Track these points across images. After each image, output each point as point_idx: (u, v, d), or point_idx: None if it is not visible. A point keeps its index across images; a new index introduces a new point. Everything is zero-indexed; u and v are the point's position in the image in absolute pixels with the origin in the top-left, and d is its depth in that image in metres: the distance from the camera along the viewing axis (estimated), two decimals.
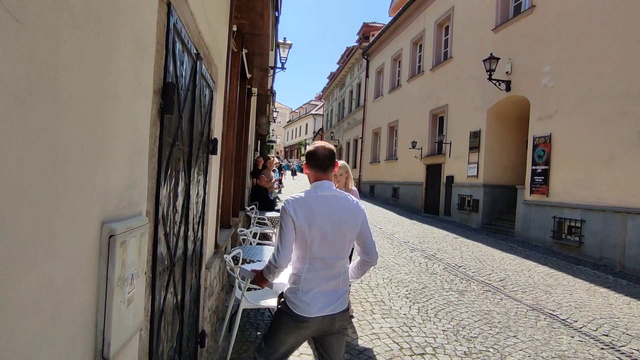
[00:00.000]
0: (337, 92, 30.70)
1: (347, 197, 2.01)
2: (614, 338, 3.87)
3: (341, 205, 1.96)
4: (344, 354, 2.23)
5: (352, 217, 1.96)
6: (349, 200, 2.00)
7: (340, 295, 1.97)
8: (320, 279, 1.93)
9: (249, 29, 4.69)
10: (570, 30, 8.37)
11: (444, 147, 13.29)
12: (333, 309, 1.95)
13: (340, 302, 1.97)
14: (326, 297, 1.94)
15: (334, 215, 1.92)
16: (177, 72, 1.63)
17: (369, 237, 2.03)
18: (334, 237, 1.91)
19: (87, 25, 0.84)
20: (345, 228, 1.93)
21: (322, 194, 1.96)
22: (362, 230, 2.00)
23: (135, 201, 1.21)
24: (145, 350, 1.38)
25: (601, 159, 7.46)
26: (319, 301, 1.91)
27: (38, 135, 0.68)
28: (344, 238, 1.94)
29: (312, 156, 2.01)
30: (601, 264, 7.26)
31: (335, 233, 1.91)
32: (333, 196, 1.97)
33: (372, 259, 2.05)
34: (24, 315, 0.68)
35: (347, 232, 1.94)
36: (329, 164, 2.00)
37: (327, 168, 2.00)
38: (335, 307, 1.95)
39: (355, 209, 1.99)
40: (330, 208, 1.93)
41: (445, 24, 14.16)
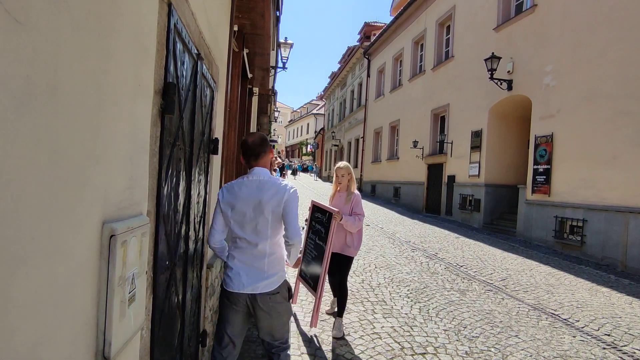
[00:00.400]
0: (339, 92, 30.68)
1: (274, 181, 2.12)
2: (616, 338, 3.86)
3: (264, 188, 2.08)
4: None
5: (274, 199, 2.06)
6: (274, 184, 2.10)
7: (265, 277, 2.07)
8: (244, 258, 2.09)
9: (250, 29, 4.70)
10: (573, 29, 8.34)
11: (446, 146, 13.28)
12: (255, 288, 2.06)
13: (266, 284, 2.06)
14: (249, 276, 2.07)
15: (255, 199, 2.06)
16: (178, 72, 1.63)
17: (290, 218, 2.08)
18: (255, 219, 2.05)
19: (87, 25, 0.84)
20: (266, 210, 2.05)
21: (249, 179, 2.13)
22: (285, 212, 2.07)
23: (136, 201, 1.22)
24: (146, 350, 1.38)
25: (603, 159, 7.43)
26: (242, 278, 2.06)
27: (38, 135, 0.68)
28: (265, 220, 2.05)
29: (242, 147, 2.20)
30: (603, 263, 7.24)
31: (256, 215, 2.05)
32: (259, 181, 2.11)
33: (289, 238, 2.09)
34: (25, 315, 0.68)
35: (268, 214, 2.05)
36: (259, 152, 2.16)
37: (258, 155, 2.16)
38: (260, 287, 2.06)
39: (278, 192, 2.08)
40: (253, 192, 2.08)
41: (447, 23, 14.14)
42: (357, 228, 3.63)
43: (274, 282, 2.09)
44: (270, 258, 2.09)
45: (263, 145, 2.19)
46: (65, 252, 0.81)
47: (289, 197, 2.09)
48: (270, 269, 2.09)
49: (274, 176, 2.20)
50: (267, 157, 2.22)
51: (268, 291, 2.07)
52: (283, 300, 2.16)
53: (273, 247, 2.10)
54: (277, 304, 2.11)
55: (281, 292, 2.13)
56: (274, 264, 2.10)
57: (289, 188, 2.13)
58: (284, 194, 2.08)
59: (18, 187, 0.64)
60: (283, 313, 2.17)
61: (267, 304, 2.08)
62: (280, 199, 2.07)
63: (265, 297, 2.07)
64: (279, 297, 2.12)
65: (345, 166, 3.79)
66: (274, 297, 2.09)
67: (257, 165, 2.17)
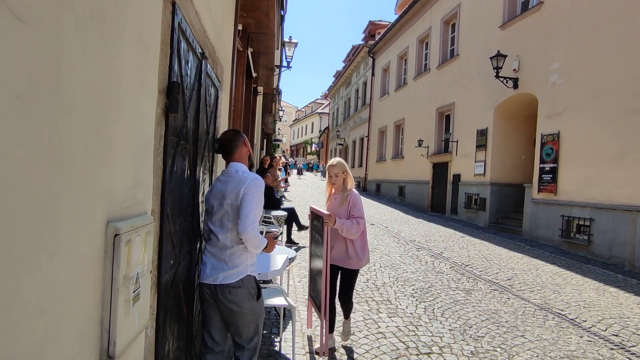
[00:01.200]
0: (343, 91, 30.64)
1: (240, 175, 2.12)
2: (623, 338, 3.82)
3: (228, 181, 2.11)
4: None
5: (233, 192, 2.06)
6: (237, 177, 2.11)
7: (225, 269, 2.07)
8: (211, 250, 2.12)
9: (254, 28, 4.70)
10: (580, 27, 8.26)
11: (451, 145, 13.21)
12: (215, 279, 2.07)
13: (225, 275, 2.06)
14: (213, 267, 2.09)
15: (220, 192, 2.10)
16: (182, 71, 1.63)
17: (244, 209, 2.03)
18: (219, 212, 2.09)
19: (91, 24, 0.84)
20: (226, 202, 2.06)
21: (222, 174, 2.19)
22: (241, 203, 2.04)
23: (141, 200, 1.21)
24: (151, 349, 1.38)
25: (611, 157, 7.36)
26: (207, 269, 2.10)
27: (41, 135, 0.68)
28: (226, 212, 2.07)
29: (217, 144, 2.27)
30: (611, 263, 7.17)
31: (219, 208, 2.09)
32: (228, 175, 2.15)
33: (239, 232, 2.02)
34: (29, 315, 0.68)
35: (227, 206, 2.06)
36: (230, 147, 2.20)
37: (231, 150, 2.20)
38: (220, 278, 2.06)
39: (239, 184, 2.07)
40: (221, 185, 2.13)
41: (452, 22, 14.06)
42: (356, 233, 3.11)
43: (233, 274, 2.07)
44: (231, 250, 2.08)
45: (234, 139, 2.22)
46: (70, 252, 0.81)
47: (247, 189, 2.05)
48: (231, 261, 2.08)
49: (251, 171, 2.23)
50: (241, 151, 2.23)
51: (227, 283, 2.06)
52: (247, 297, 2.10)
53: (234, 240, 2.07)
54: (239, 299, 2.07)
55: (244, 287, 2.09)
56: (235, 256, 2.08)
57: (250, 179, 2.10)
58: (243, 186, 2.06)
59: (22, 187, 0.64)
60: (247, 312, 2.11)
61: (227, 297, 2.06)
62: (238, 191, 2.06)
63: (225, 289, 2.06)
64: (241, 292, 2.08)
65: (338, 163, 3.26)
66: (234, 290, 2.06)
67: (232, 160, 2.21)
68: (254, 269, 2.19)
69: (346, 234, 3.09)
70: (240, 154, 2.22)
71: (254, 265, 2.20)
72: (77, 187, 0.83)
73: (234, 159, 2.21)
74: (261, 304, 2.23)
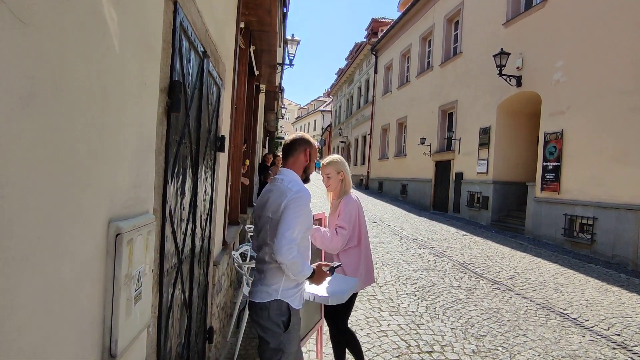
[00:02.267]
0: (346, 89, 30.59)
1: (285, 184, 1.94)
2: (626, 338, 3.81)
3: (272, 191, 1.98)
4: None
5: (274, 203, 1.91)
6: (280, 187, 1.95)
7: (259, 285, 1.93)
8: (257, 261, 2.02)
9: (256, 26, 4.69)
10: (584, 24, 8.20)
11: (454, 143, 13.18)
12: (251, 292, 1.99)
13: (257, 292, 1.93)
14: (254, 280, 2.01)
15: (263, 203, 1.99)
16: (184, 70, 1.63)
17: (281, 226, 1.81)
18: (261, 224, 1.97)
19: (92, 25, 0.84)
20: (266, 215, 1.93)
21: (270, 183, 2.06)
22: (281, 218, 1.84)
23: (142, 199, 1.22)
24: (153, 347, 1.39)
25: (615, 156, 7.32)
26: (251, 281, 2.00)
27: (43, 135, 0.69)
28: (265, 226, 1.94)
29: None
30: (614, 262, 7.14)
31: (261, 220, 1.98)
32: (273, 184, 2.02)
33: (274, 250, 1.79)
34: (32, 314, 0.68)
35: (267, 219, 1.93)
36: (287, 152, 2.08)
37: (287, 156, 2.08)
38: (252, 294, 1.96)
39: (280, 196, 1.90)
40: (264, 195, 2.01)
41: (455, 19, 14.00)
42: (334, 247, 2.52)
43: (264, 293, 1.90)
44: (269, 267, 1.91)
45: (296, 142, 2.07)
46: (72, 251, 0.81)
47: (289, 202, 1.85)
48: (266, 279, 1.91)
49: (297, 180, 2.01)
50: (298, 157, 2.05)
51: (256, 300, 1.91)
52: (272, 324, 1.88)
53: (272, 257, 1.87)
54: (263, 321, 1.89)
55: (271, 311, 1.87)
56: (270, 274, 1.90)
57: (294, 191, 1.89)
58: (285, 199, 1.87)
59: (24, 187, 0.64)
60: (269, 339, 1.89)
61: (253, 317, 1.93)
62: (279, 203, 1.88)
63: (253, 306, 1.93)
64: (265, 315, 1.88)
65: (332, 162, 2.69)
66: (260, 311, 1.89)
67: (286, 165, 2.07)
68: (289, 295, 1.91)
69: (318, 245, 2.57)
70: (295, 160, 2.05)
71: (292, 290, 1.92)
72: (79, 187, 0.83)
73: (288, 164, 2.06)
74: (290, 337, 1.92)
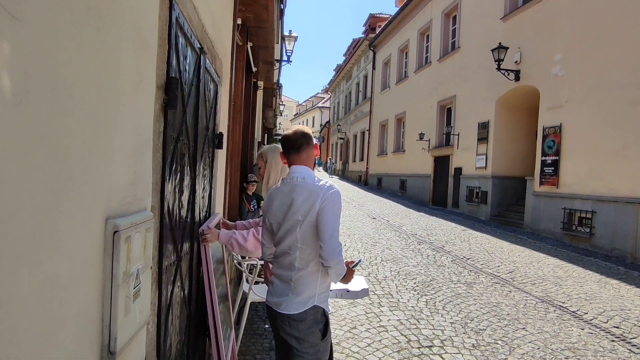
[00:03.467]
0: (344, 85, 30.53)
1: (308, 182, 1.79)
2: (625, 330, 3.84)
3: (295, 191, 1.78)
4: None
5: (304, 205, 1.73)
6: (307, 186, 1.78)
7: (290, 295, 1.77)
8: (277, 270, 1.87)
9: (253, 22, 4.67)
10: (582, 17, 8.19)
11: (452, 138, 13.18)
12: (277, 304, 1.80)
13: (287, 304, 1.77)
14: (278, 290, 1.83)
15: (286, 204, 1.79)
16: (181, 67, 1.62)
17: (324, 231, 1.69)
18: (285, 228, 1.79)
19: (87, 20, 0.83)
20: (294, 218, 1.75)
21: (285, 181, 1.87)
22: (319, 219, 1.71)
23: (140, 197, 1.22)
24: (153, 344, 1.39)
25: (613, 149, 7.33)
26: (273, 291, 1.86)
27: (38, 132, 0.68)
28: (294, 230, 1.76)
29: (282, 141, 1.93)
30: (612, 255, 7.17)
31: (286, 223, 1.79)
32: (292, 183, 1.82)
33: (324, 259, 1.69)
34: (29, 312, 0.68)
35: (296, 223, 1.75)
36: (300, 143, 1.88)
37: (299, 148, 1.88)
38: (282, 306, 1.79)
39: (311, 196, 1.73)
40: (285, 196, 1.81)
41: (453, 14, 13.96)
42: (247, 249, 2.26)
43: (297, 303, 1.76)
44: (299, 274, 1.77)
45: (307, 137, 1.89)
46: (69, 249, 0.81)
47: (325, 202, 1.71)
48: (297, 288, 1.77)
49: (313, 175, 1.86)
50: (309, 152, 1.89)
51: (289, 313, 1.76)
52: (310, 334, 1.77)
53: (303, 262, 1.77)
54: (299, 333, 1.76)
55: (308, 321, 1.77)
56: (302, 281, 1.77)
57: (326, 189, 1.74)
58: (317, 199, 1.72)
59: (19, 184, 0.64)
60: (306, 350, 1.77)
61: (285, 329, 1.78)
62: (312, 203, 1.72)
63: (285, 318, 1.78)
64: (303, 326, 1.76)
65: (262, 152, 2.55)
66: (294, 323, 1.76)
67: (297, 161, 1.87)
68: (323, 299, 1.83)
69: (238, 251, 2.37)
70: (308, 155, 1.88)
71: (325, 294, 1.85)
72: (76, 185, 0.83)
73: (301, 160, 1.86)
74: (326, 345, 1.84)
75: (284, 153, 1.93)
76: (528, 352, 3.31)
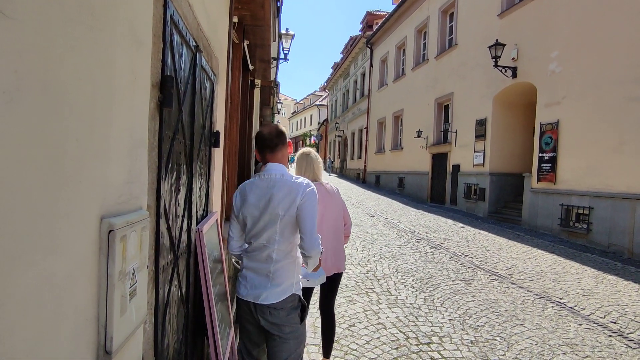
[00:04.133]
0: (342, 82, 30.49)
1: (287, 179, 1.90)
2: (622, 325, 3.85)
3: (275, 187, 1.88)
4: None
5: (284, 201, 1.85)
6: (287, 183, 1.89)
7: (269, 287, 1.87)
8: (252, 263, 1.94)
9: (250, 20, 4.65)
10: (579, 14, 8.19)
11: (450, 135, 13.19)
12: (257, 297, 1.88)
13: (267, 295, 1.86)
14: (254, 283, 1.90)
15: (264, 200, 1.88)
16: (176, 65, 1.61)
17: (305, 224, 1.83)
18: (263, 222, 1.88)
19: (79, 18, 0.83)
20: (274, 213, 1.85)
21: (260, 177, 1.95)
22: (299, 216, 1.84)
23: (136, 195, 1.21)
24: (150, 343, 1.39)
25: (610, 146, 7.35)
26: (247, 284, 1.92)
27: (31, 131, 0.68)
28: (273, 224, 1.86)
29: (257, 138, 2.02)
30: (610, 251, 7.20)
31: (264, 218, 1.87)
32: (270, 179, 1.92)
33: (306, 250, 1.83)
34: (25, 312, 0.68)
35: (276, 217, 1.85)
36: (275, 143, 1.98)
37: (274, 148, 1.98)
38: (262, 297, 1.87)
39: (291, 192, 1.85)
40: (263, 192, 1.90)
41: (450, 11, 13.95)
42: None
43: (277, 293, 1.87)
44: (277, 266, 1.88)
45: (280, 136, 2.00)
46: (64, 248, 0.81)
47: (305, 199, 1.84)
48: (276, 279, 1.88)
49: (289, 173, 1.99)
50: (284, 151, 2.01)
51: (269, 303, 1.86)
52: (290, 320, 1.90)
53: (281, 254, 1.88)
54: (280, 321, 1.89)
55: (286, 309, 1.89)
56: (280, 273, 1.88)
57: (304, 186, 1.87)
58: (298, 195, 1.84)
59: (12, 184, 0.63)
60: (288, 336, 1.90)
61: (267, 319, 1.89)
62: (293, 199, 1.85)
63: (265, 309, 1.88)
64: (283, 314, 1.88)
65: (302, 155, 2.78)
66: (275, 312, 1.88)
67: (273, 160, 1.98)
68: (299, 287, 1.97)
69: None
70: (282, 154, 2.00)
71: (299, 283, 1.99)
72: (70, 184, 0.82)
73: (275, 159, 1.97)
74: (305, 327, 2.00)
75: (258, 150, 2.02)
76: (526, 348, 3.32)
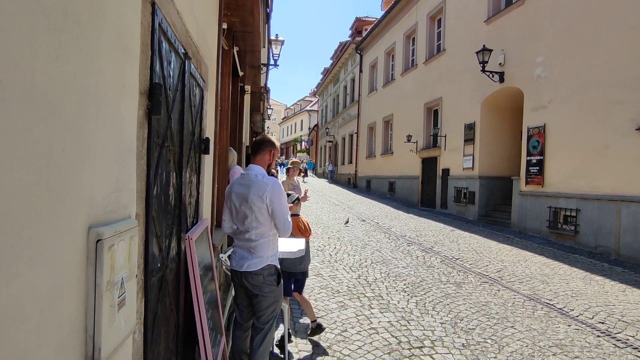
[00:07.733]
0: (332, 88, 30.61)
1: (258, 179, 2.44)
2: (609, 325, 3.91)
3: (249, 185, 2.43)
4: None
5: (255, 196, 2.39)
6: (257, 182, 2.43)
7: (250, 259, 2.44)
8: (239, 242, 2.51)
9: (239, 27, 4.65)
10: (563, 20, 8.37)
11: (439, 140, 13.31)
12: (241, 266, 2.45)
13: (248, 264, 2.44)
14: (241, 257, 2.47)
15: (243, 195, 2.43)
16: (164, 72, 1.61)
17: (278, 214, 2.42)
18: (243, 212, 2.44)
19: (65, 27, 0.82)
20: (249, 206, 2.40)
21: (243, 176, 2.53)
22: (271, 209, 2.41)
23: (124, 204, 1.20)
24: (139, 353, 1.37)
25: (595, 148, 7.49)
26: (236, 258, 2.50)
27: (14, 140, 0.67)
28: (250, 214, 2.41)
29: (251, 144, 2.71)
30: (597, 252, 7.31)
31: (243, 209, 2.43)
32: (248, 178, 2.47)
33: (283, 232, 2.47)
34: (8, 325, 0.67)
35: (251, 209, 2.40)
36: (257, 148, 2.57)
37: (256, 152, 2.57)
38: (245, 266, 2.44)
39: (259, 189, 2.39)
40: (242, 188, 2.46)
41: (438, 17, 14.13)
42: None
43: (255, 263, 2.44)
44: (256, 243, 2.44)
45: (263, 144, 2.57)
46: (49, 259, 0.79)
47: (272, 195, 2.39)
48: (255, 253, 2.44)
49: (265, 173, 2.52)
50: (264, 157, 2.55)
51: (250, 270, 2.43)
52: (267, 283, 2.47)
53: (258, 236, 2.44)
54: (260, 283, 2.45)
55: (264, 275, 2.44)
56: (259, 249, 2.45)
57: (270, 184, 2.41)
58: (265, 193, 2.39)
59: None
60: (266, 295, 2.47)
61: (250, 282, 2.45)
62: (261, 197, 2.38)
63: (248, 275, 2.44)
64: (261, 279, 2.45)
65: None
66: (255, 277, 2.44)
67: (254, 162, 2.54)
68: (275, 259, 2.53)
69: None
70: (262, 158, 2.55)
71: (275, 255, 2.55)
72: (56, 194, 0.81)
73: (256, 161, 2.55)
74: (280, 290, 2.56)
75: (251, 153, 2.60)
76: (517, 350, 3.35)
